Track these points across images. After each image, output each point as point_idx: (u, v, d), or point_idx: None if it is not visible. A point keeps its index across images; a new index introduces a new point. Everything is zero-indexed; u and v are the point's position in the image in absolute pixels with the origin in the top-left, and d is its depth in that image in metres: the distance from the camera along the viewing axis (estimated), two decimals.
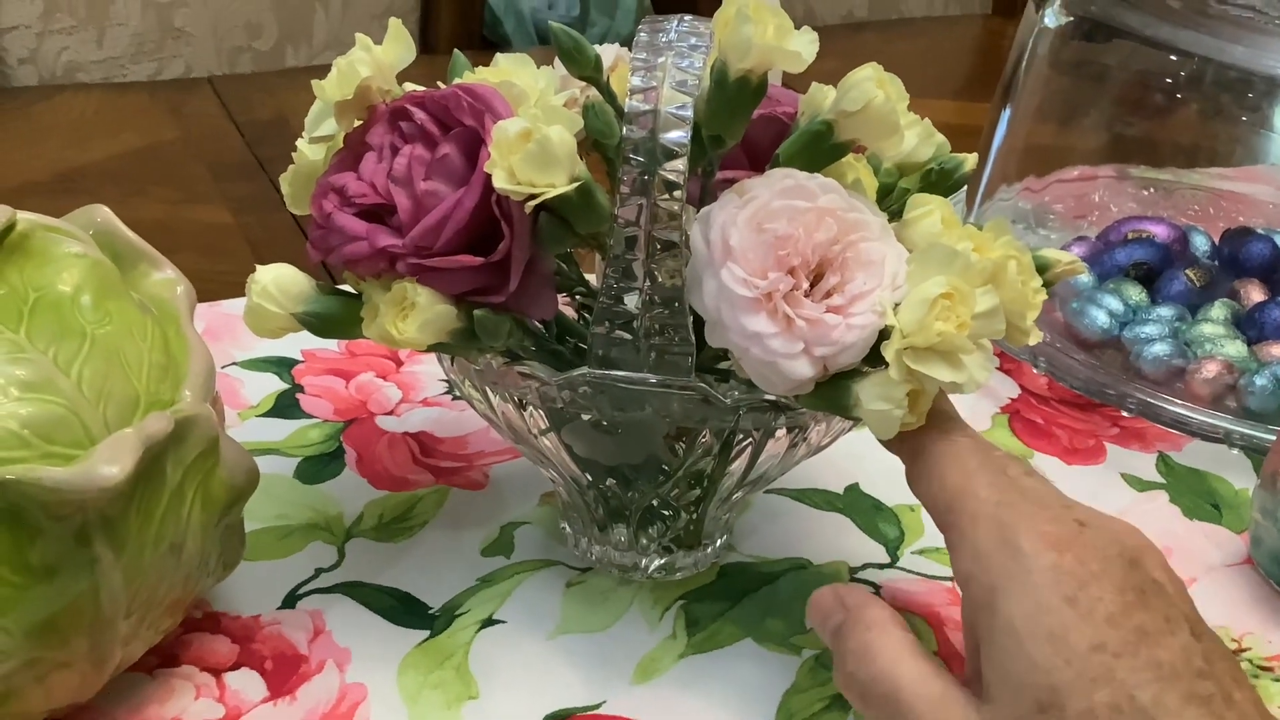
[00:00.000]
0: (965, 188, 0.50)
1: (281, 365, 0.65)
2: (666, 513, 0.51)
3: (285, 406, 0.62)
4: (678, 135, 0.41)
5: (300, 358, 0.65)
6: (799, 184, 0.42)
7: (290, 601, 0.51)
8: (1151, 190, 0.81)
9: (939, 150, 0.49)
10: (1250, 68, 0.67)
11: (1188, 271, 0.70)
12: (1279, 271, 0.71)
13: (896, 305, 0.41)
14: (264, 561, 0.53)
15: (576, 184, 0.41)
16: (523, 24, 1.99)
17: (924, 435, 0.42)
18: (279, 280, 0.45)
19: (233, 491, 0.45)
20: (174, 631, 0.47)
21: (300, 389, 0.63)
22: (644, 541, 0.52)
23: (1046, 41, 0.73)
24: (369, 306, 0.44)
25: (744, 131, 0.45)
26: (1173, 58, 0.69)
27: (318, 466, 0.58)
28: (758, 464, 0.49)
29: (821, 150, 0.44)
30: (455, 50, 0.49)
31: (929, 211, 0.44)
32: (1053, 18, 0.72)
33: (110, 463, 0.38)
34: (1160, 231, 0.73)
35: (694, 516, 0.51)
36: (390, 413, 0.62)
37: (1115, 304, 0.68)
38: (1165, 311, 0.68)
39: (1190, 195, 0.81)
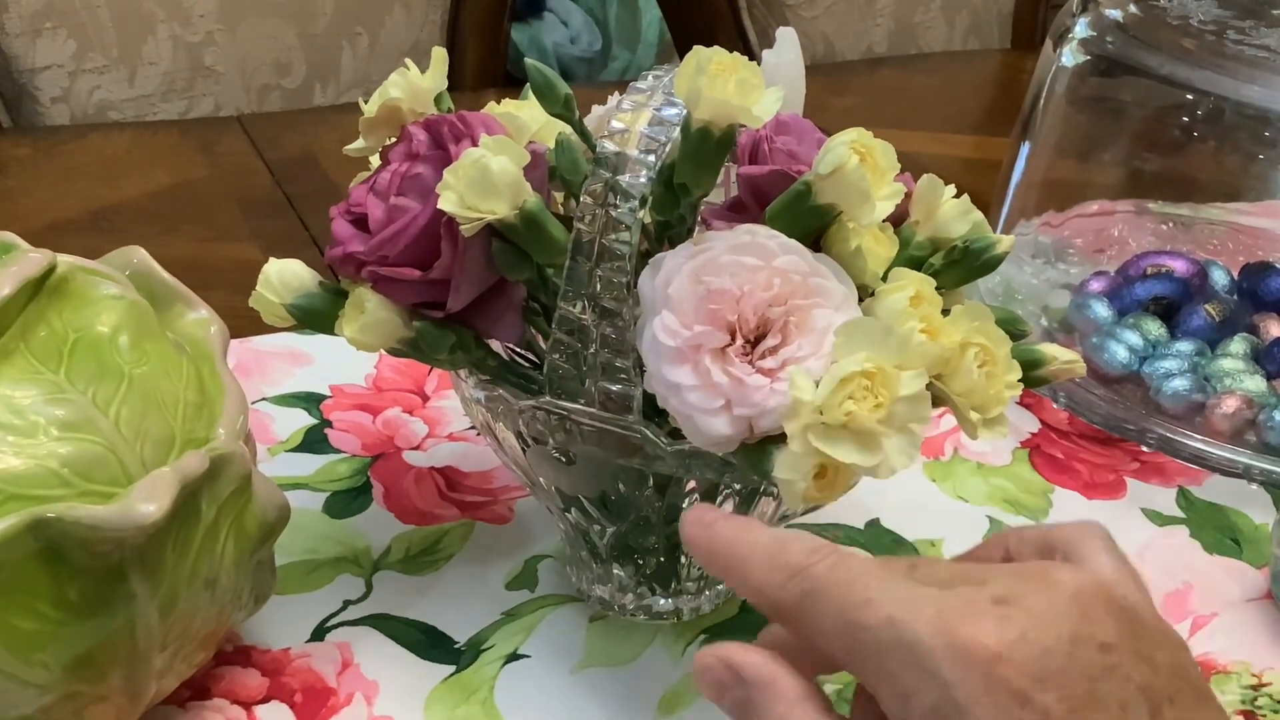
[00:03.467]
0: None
1: (310, 401, 0.66)
2: (633, 553, 0.52)
3: (314, 442, 0.63)
4: (635, 179, 0.42)
5: (328, 393, 0.66)
6: (756, 241, 0.42)
7: (319, 634, 0.52)
8: (1170, 225, 0.81)
9: (974, 229, 0.48)
10: (1267, 106, 0.67)
11: (1207, 306, 0.70)
12: None
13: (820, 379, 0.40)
14: (293, 595, 0.54)
15: (517, 212, 0.42)
16: (546, 58, 2.01)
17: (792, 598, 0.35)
18: (282, 272, 0.47)
19: (265, 527, 0.45)
20: (206, 665, 0.48)
21: (329, 424, 0.64)
22: (620, 577, 0.53)
23: (1064, 80, 0.74)
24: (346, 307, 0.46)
25: (713, 183, 0.45)
26: (1190, 96, 0.70)
27: (346, 501, 0.59)
28: None
29: (802, 211, 0.44)
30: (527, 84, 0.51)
31: (900, 287, 0.43)
32: (1070, 57, 0.73)
33: (148, 501, 0.39)
34: (1179, 266, 0.73)
35: (661, 561, 0.52)
36: (417, 448, 0.63)
37: (1135, 339, 0.69)
38: (1185, 346, 0.68)
39: (1209, 230, 0.81)
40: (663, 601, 0.53)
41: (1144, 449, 0.66)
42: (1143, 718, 0.33)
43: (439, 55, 0.49)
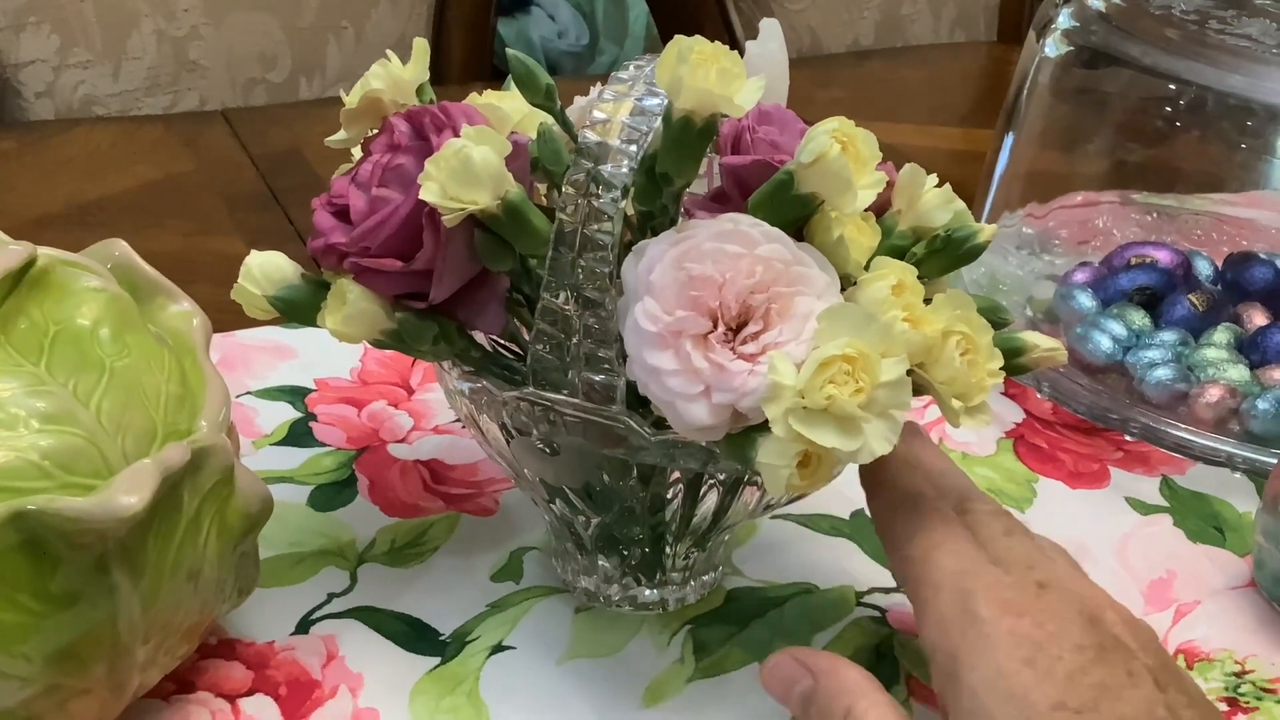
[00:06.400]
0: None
1: (295, 394, 0.66)
2: (618, 544, 0.52)
3: (299, 435, 0.63)
4: (617, 169, 0.42)
5: (313, 386, 0.66)
6: (739, 229, 0.42)
7: (304, 627, 0.52)
8: (1154, 215, 0.82)
9: (956, 218, 0.47)
10: (1249, 96, 0.67)
11: (1191, 296, 0.70)
12: None
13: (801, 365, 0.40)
14: (278, 588, 0.54)
15: (499, 202, 0.42)
16: (533, 53, 2.01)
17: (895, 514, 0.44)
18: (264, 265, 0.47)
19: (248, 519, 0.45)
20: (190, 658, 0.48)
21: (313, 417, 0.64)
22: (605, 568, 0.53)
23: (1048, 70, 0.74)
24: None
25: (695, 173, 0.45)
26: (1173, 86, 0.70)
27: (331, 494, 0.59)
28: (700, 507, 0.49)
29: (784, 200, 0.43)
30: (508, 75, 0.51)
31: (882, 276, 0.43)
32: (1053, 47, 0.73)
33: (129, 493, 0.39)
34: (1163, 256, 0.73)
35: (646, 551, 0.52)
36: (402, 440, 0.63)
37: (1119, 329, 0.69)
38: (1168, 336, 0.68)
39: (1193, 220, 0.81)
40: (648, 592, 0.53)
41: (1128, 438, 0.66)
42: (1146, 685, 0.38)
43: (420, 46, 0.49)
